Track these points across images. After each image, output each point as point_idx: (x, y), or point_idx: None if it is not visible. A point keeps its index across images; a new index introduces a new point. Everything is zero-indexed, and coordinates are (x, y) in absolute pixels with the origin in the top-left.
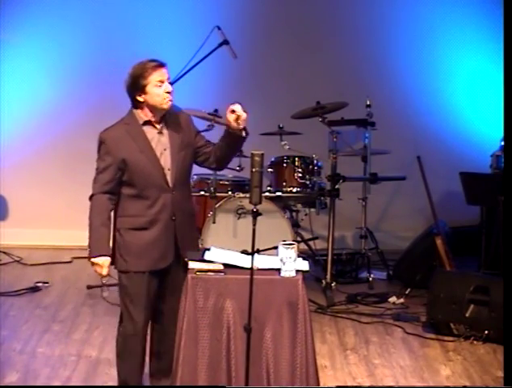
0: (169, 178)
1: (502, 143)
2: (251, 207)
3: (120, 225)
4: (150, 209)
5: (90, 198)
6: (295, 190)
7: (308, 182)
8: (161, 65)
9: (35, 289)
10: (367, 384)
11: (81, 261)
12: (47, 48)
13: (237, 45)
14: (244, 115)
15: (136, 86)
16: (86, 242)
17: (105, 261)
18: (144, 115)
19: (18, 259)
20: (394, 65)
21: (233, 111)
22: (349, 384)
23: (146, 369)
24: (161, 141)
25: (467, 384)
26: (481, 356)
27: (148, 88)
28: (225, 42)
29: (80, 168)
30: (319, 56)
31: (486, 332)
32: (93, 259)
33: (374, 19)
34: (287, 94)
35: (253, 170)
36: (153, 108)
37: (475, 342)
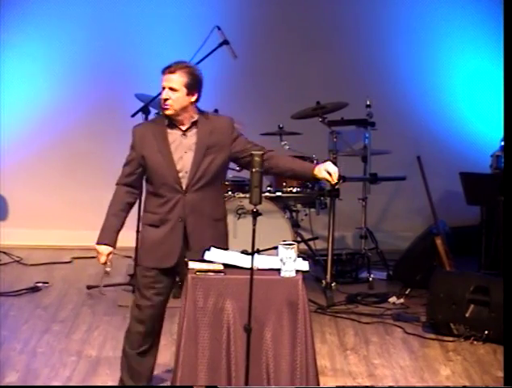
0: (183, 180)
1: (502, 143)
2: (251, 207)
3: (143, 219)
4: (162, 208)
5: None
6: (295, 190)
7: (308, 182)
8: (164, 71)
9: (35, 289)
10: (367, 384)
11: (81, 261)
12: (47, 49)
13: (237, 45)
14: (334, 181)
15: None
16: (85, 243)
17: (105, 250)
18: None
19: (18, 259)
20: (394, 65)
21: (330, 174)
22: (349, 384)
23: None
24: (183, 144)
25: (467, 384)
26: (481, 356)
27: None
28: (225, 42)
29: (80, 168)
30: (319, 56)
31: (486, 332)
32: (95, 245)
33: (374, 19)
34: (287, 94)
35: (253, 170)
36: None
37: (475, 342)
